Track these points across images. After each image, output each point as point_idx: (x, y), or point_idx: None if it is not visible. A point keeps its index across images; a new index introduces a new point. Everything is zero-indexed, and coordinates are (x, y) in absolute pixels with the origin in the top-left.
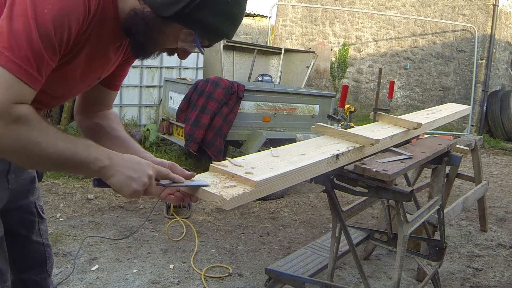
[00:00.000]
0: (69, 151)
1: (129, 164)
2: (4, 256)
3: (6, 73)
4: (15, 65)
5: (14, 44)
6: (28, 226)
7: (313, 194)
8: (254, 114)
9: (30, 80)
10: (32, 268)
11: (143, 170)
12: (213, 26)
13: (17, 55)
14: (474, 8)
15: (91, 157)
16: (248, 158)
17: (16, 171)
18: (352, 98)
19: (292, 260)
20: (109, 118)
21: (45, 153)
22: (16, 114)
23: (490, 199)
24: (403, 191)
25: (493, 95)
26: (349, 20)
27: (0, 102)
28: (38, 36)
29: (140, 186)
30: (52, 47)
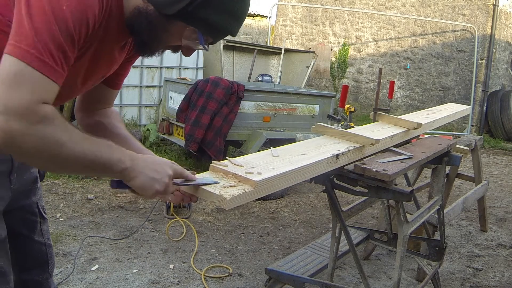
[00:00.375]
0: (93, 152)
1: (151, 165)
2: (7, 257)
3: (34, 72)
4: (42, 62)
5: (38, 42)
6: (30, 226)
7: (313, 194)
8: (254, 114)
9: (55, 76)
10: (34, 268)
11: (164, 170)
12: (217, 23)
13: (42, 52)
14: (474, 8)
15: (114, 158)
16: (248, 158)
17: (18, 171)
18: (352, 98)
19: (292, 260)
20: (110, 116)
21: (72, 154)
22: (41, 113)
23: (490, 199)
24: (403, 191)
25: (493, 95)
26: (349, 20)
27: (28, 101)
28: (59, 32)
29: (161, 186)
30: (73, 42)
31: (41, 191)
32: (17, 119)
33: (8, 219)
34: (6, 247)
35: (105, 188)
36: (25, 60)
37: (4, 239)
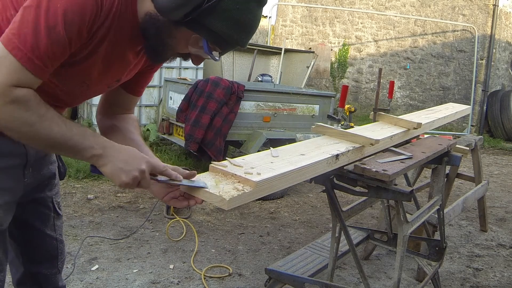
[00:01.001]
0: (63, 136)
1: (122, 157)
2: (3, 247)
3: (12, 58)
4: (20, 52)
5: (22, 33)
6: (43, 219)
7: (313, 194)
8: (254, 114)
9: (33, 69)
10: (43, 262)
11: (135, 163)
12: (222, 32)
13: (23, 43)
14: (474, 8)
15: (85, 144)
16: (248, 158)
17: (35, 166)
18: (352, 98)
19: (292, 260)
20: (127, 121)
21: (37, 134)
22: (13, 95)
23: (490, 199)
24: (403, 191)
25: (493, 95)
26: (349, 20)
27: (1, 83)
28: (46, 28)
29: (129, 178)
30: (61, 41)
31: (59, 188)
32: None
33: (21, 211)
34: (4, 237)
35: (105, 188)
36: (8, 48)
37: (4, 231)
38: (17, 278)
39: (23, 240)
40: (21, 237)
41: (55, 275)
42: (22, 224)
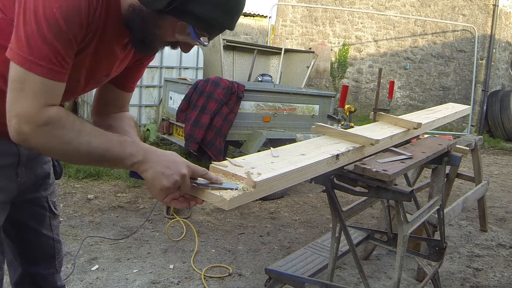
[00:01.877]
0: (102, 149)
1: (164, 162)
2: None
3: (35, 77)
4: (39, 66)
5: (33, 48)
6: (39, 219)
7: (313, 194)
8: (254, 114)
9: (56, 76)
10: (41, 262)
11: (176, 168)
12: (206, 16)
13: (38, 56)
14: (474, 8)
15: (126, 153)
16: (248, 158)
17: (28, 165)
18: (352, 98)
19: (292, 260)
20: (122, 120)
21: (77, 151)
22: (45, 117)
23: (490, 199)
24: (403, 191)
25: (493, 95)
26: (349, 20)
27: (31, 107)
28: (52, 35)
29: (170, 183)
30: (68, 42)
31: (55, 187)
32: (26, 122)
33: (17, 211)
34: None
35: (105, 188)
36: (25, 66)
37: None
38: (15, 279)
39: (19, 240)
40: (18, 237)
41: (53, 275)
42: (18, 224)
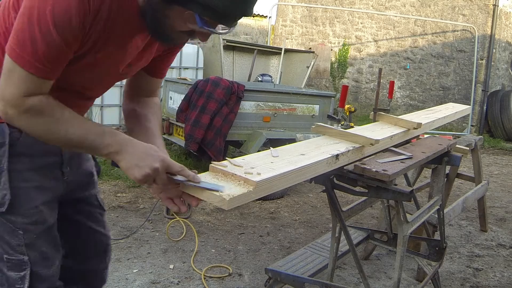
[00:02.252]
0: (79, 137)
1: (138, 154)
2: (53, 243)
3: (18, 68)
4: (23, 59)
5: (21, 42)
6: (91, 217)
7: (313, 194)
8: (254, 114)
9: (37, 73)
10: (93, 258)
11: (149, 161)
12: (210, 3)
13: (24, 51)
14: (474, 8)
15: (103, 143)
16: (248, 158)
17: (71, 164)
18: (352, 98)
19: (292, 260)
20: (148, 106)
21: (56, 138)
22: (26, 105)
23: (490, 199)
24: (403, 191)
25: (493, 95)
26: (349, 20)
27: (13, 95)
28: (40, 34)
29: (141, 175)
30: (57, 43)
31: (97, 184)
32: (10, 106)
33: (68, 210)
34: (52, 233)
35: (105, 188)
36: (14, 59)
37: (51, 226)
38: (65, 275)
39: (71, 238)
40: (70, 235)
41: (104, 271)
42: (70, 222)
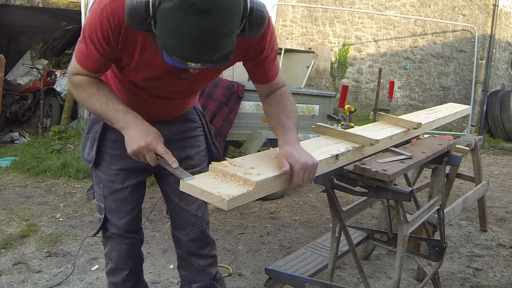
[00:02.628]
0: (100, 110)
1: (135, 132)
2: (126, 200)
3: (75, 59)
4: (76, 56)
5: (78, 47)
6: (175, 192)
7: (313, 194)
8: (254, 114)
9: (83, 64)
10: (179, 229)
11: (137, 140)
12: (166, 44)
13: (76, 52)
14: (474, 8)
15: (115, 118)
16: (248, 158)
17: (169, 146)
18: (352, 98)
19: (292, 260)
20: (271, 104)
21: (87, 107)
22: (72, 80)
23: (490, 199)
24: (403, 191)
25: (493, 95)
26: (349, 20)
27: (68, 73)
28: (85, 42)
29: (130, 150)
30: (91, 50)
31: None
32: (68, 80)
33: (162, 183)
34: (125, 193)
35: None
36: (75, 53)
37: (125, 188)
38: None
39: (168, 208)
40: (167, 205)
41: (187, 242)
42: (162, 192)
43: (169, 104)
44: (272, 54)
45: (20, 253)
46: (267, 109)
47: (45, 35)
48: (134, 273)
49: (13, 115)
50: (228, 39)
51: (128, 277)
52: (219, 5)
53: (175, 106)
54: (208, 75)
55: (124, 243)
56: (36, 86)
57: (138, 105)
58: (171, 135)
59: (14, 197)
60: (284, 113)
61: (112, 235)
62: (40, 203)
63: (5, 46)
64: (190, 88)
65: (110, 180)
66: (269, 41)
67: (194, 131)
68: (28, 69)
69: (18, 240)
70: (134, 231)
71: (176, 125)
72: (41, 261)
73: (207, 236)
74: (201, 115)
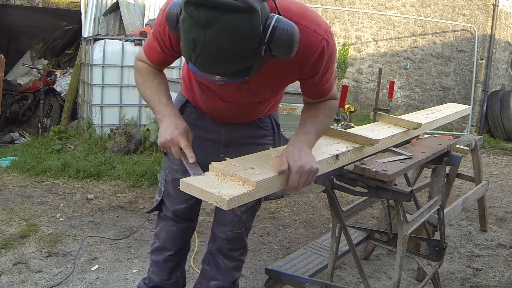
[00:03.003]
0: (147, 97)
1: (165, 126)
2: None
3: (143, 49)
4: (145, 48)
5: (146, 41)
6: None
7: (313, 194)
8: None
9: (148, 54)
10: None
11: (165, 134)
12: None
13: (146, 41)
14: (474, 8)
15: (156, 109)
16: (248, 158)
17: (234, 148)
18: (352, 98)
19: (292, 260)
20: (310, 107)
21: (139, 91)
22: (136, 64)
23: (490, 199)
24: (403, 191)
25: (493, 95)
26: (349, 20)
27: (136, 58)
28: (153, 36)
29: (159, 142)
30: (155, 44)
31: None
32: (135, 62)
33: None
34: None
35: (105, 188)
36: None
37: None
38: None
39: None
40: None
41: (222, 239)
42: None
43: (238, 109)
44: (327, 75)
45: (20, 253)
46: (304, 110)
47: (45, 35)
48: (177, 256)
49: (13, 115)
50: (235, 55)
51: (170, 258)
52: (221, 21)
53: (243, 112)
54: (268, 89)
55: (176, 226)
56: (36, 86)
57: (208, 104)
58: (237, 138)
59: (14, 197)
60: (313, 119)
61: (165, 216)
62: (40, 203)
63: (5, 46)
64: (254, 99)
65: (173, 168)
66: (325, 63)
67: (262, 139)
68: (28, 69)
69: (18, 240)
70: (188, 219)
71: (244, 130)
72: (41, 261)
73: (243, 240)
74: (275, 124)
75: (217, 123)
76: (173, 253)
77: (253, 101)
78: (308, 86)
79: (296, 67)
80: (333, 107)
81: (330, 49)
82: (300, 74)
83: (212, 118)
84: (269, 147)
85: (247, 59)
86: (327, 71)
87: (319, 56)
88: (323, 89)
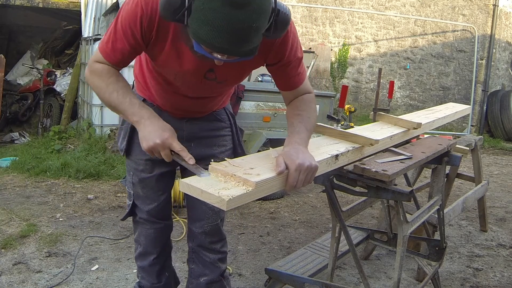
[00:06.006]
0: (116, 102)
1: (149, 128)
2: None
3: (98, 51)
4: (100, 47)
5: (104, 38)
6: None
7: (313, 194)
8: (254, 114)
9: (104, 54)
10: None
11: (152, 137)
12: (199, 34)
13: (101, 42)
14: (474, 8)
15: (130, 112)
16: (248, 159)
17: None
18: (352, 98)
19: (292, 260)
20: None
21: (102, 97)
22: (93, 67)
23: (490, 199)
24: (403, 191)
25: (493, 95)
26: (349, 20)
27: (90, 60)
28: (111, 34)
29: (146, 146)
30: (120, 40)
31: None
32: (87, 67)
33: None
34: (153, 182)
35: (105, 188)
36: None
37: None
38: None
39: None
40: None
41: (200, 234)
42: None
43: (197, 102)
44: (295, 61)
45: (20, 253)
46: (287, 113)
47: (45, 35)
48: (161, 258)
49: (13, 115)
50: (257, 34)
51: (155, 261)
52: (255, 2)
53: (203, 105)
54: (233, 77)
55: (152, 228)
56: (36, 86)
57: (167, 100)
58: (198, 131)
59: (14, 197)
60: (299, 117)
61: (140, 219)
62: (40, 203)
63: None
64: (216, 89)
65: (139, 169)
66: (290, 45)
67: (221, 131)
68: (28, 69)
69: (18, 240)
70: (162, 218)
71: (204, 123)
72: (41, 261)
73: (220, 231)
74: (230, 116)
75: (177, 119)
76: (156, 256)
77: (217, 93)
78: (280, 76)
79: (264, 48)
80: (311, 100)
81: (292, 29)
82: (265, 57)
83: (171, 114)
84: (228, 137)
85: (260, 38)
86: (295, 53)
87: (286, 33)
88: (295, 80)
